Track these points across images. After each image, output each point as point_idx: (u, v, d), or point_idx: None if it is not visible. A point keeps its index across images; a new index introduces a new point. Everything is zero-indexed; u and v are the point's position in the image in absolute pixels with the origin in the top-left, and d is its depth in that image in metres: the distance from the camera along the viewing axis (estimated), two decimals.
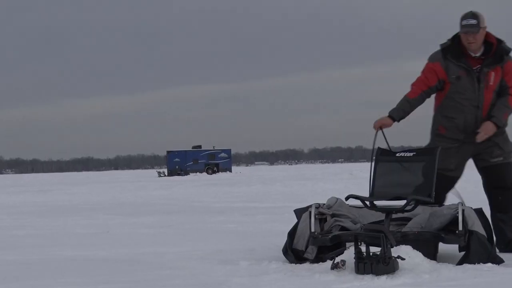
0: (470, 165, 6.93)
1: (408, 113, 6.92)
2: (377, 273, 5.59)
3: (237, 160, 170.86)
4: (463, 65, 6.75)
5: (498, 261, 6.11)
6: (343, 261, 5.84)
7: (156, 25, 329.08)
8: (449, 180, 6.92)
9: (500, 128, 6.81)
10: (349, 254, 5.86)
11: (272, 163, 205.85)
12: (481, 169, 6.97)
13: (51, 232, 10.40)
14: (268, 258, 6.69)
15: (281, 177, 41.51)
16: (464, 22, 6.71)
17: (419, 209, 6.67)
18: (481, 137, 6.76)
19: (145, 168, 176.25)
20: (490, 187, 6.93)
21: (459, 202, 6.34)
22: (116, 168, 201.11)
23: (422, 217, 6.52)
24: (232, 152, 78.89)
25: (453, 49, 6.80)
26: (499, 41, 6.81)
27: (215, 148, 75.32)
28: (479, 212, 6.37)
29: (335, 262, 5.88)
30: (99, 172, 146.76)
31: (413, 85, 6.93)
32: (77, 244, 8.65)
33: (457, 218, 6.19)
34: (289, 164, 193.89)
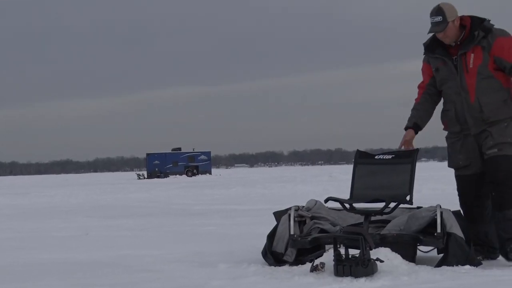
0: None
1: (421, 118, 6.68)
2: (356, 275, 5.60)
3: (217, 162, 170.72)
4: (438, 56, 6.55)
5: (476, 263, 6.15)
6: (322, 264, 5.84)
7: (137, 28, 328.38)
8: (469, 181, 6.54)
9: (499, 114, 6.38)
10: (328, 257, 5.87)
11: (252, 166, 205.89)
12: (483, 163, 6.50)
13: (30, 235, 10.34)
14: (247, 260, 6.69)
15: (261, 179, 41.52)
16: (431, 20, 6.45)
17: (398, 211, 6.70)
18: None
19: (125, 171, 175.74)
20: (488, 183, 6.49)
21: (437, 205, 6.37)
22: (95, 171, 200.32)
23: (401, 219, 6.54)
24: (212, 154, 78.90)
25: (430, 42, 6.60)
26: (480, 21, 6.44)
27: (195, 151, 75.24)
28: (457, 214, 6.40)
29: (314, 264, 5.88)
30: (78, 174, 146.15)
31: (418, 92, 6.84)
32: (55, 247, 8.60)
33: (435, 220, 6.23)
34: (269, 167, 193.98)
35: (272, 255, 6.54)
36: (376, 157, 6.84)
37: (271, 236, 6.65)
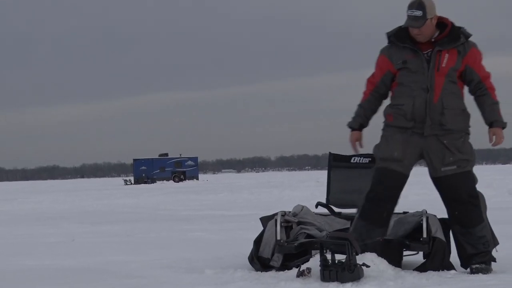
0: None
1: (367, 118, 6.37)
2: (342, 280, 5.61)
3: (204, 168, 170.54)
4: (409, 46, 6.15)
5: (451, 268, 6.19)
6: (309, 269, 5.85)
7: (122, 33, 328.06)
8: (394, 177, 6.14)
9: (459, 124, 6.16)
10: (314, 262, 5.88)
11: (239, 171, 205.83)
12: (433, 179, 6.20)
13: (15, 241, 10.30)
14: (234, 266, 6.69)
15: (248, 184, 41.51)
16: (409, 13, 6.09)
17: None
18: (497, 144, 6.21)
19: (112, 176, 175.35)
20: (444, 198, 6.20)
21: (423, 210, 6.39)
22: (82, 176, 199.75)
23: None
24: (199, 160, 78.84)
25: (398, 31, 6.23)
26: (458, 27, 6.19)
27: (182, 156, 75.16)
28: (443, 222, 6.42)
29: (300, 269, 5.89)
30: (64, 180, 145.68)
31: (365, 88, 6.45)
32: (41, 253, 8.57)
33: (421, 225, 6.25)
34: (256, 172, 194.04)
35: (259, 261, 6.54)
36: (352, 160, 6.83)
37: (258, 241, 6.65)
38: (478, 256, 6.17)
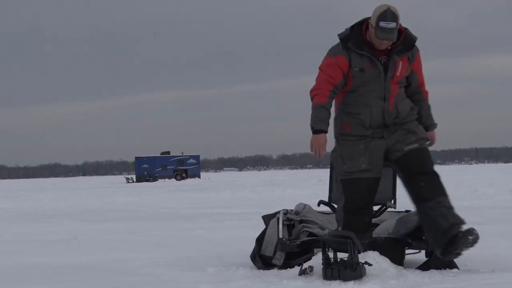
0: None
1: (328, 121, 6.16)
2: (345, 278, 5.61)
3: (206, 166, 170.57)
4: (367, 54, 6.00)
5: (455, 267, 6.18)
6: (311, 267, 5.85)
7: (124, 31, 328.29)
8: (368, 184, 6.11)
9: (410, 116, 6.18)
10: (316, 260, 5.87)
11: (241, 169, 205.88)
12: (396, 161, 6.13)
13: (17, 239, 10.31)
14: (236, 264, 6.69)
15: (250, 183, 41.51)
16: (383, 25, 5.88)
17: (387, 215, 6.71)
18: (432, 145, 6.35)
19: (114, 174, 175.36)
20: (409, 176, 6.08)
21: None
22: (84, 174, 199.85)
23: (389, 223, 6.55)
24: (201, 158, 78.86)
25: (354, 36, 6.02)
26: (405, 29, 6.08)
27: (184, 154, 75.19)
28: None
29: (302, 268, 5.89)
30: (66, 178, 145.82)
31: (316, 89, 6.12)
32: (43, 251, 8.58)
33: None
34: (258, 170, 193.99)
35: (261, 259, 6.54)
36: None
37: (260, 239, 6.64)
38: (454, 227, 5.96)
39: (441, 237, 5.97)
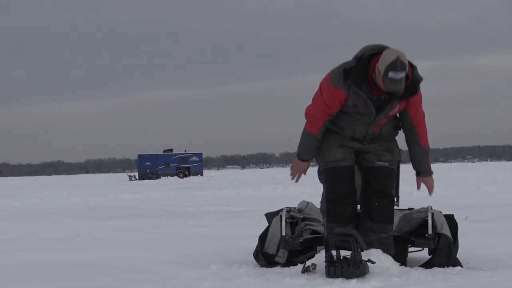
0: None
1: (315, 150, 6.26)
2: (348, 276, 5.61)
3: (208, 164, 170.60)
4: (363, 95, 5.96)
5: (459, 264, 6.18)
6: (314, 265, 5.85)
7: (126, 29, 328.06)
8: (343, 171, 6.18)
9: (390, 136, 6.22)
10: (319, 258, 5.87)
11: (243, 167, 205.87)
12: (363, 169, 6.23)
13: (20, 236, 10.31)
14: (239, 262, 6.69)
15: (253, 180, 41.52)
16: (392, 75, 5.75)
17: None
18: (432, 193, 6.26)
19: (116, 172, 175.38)
20: (368, 191, 6.19)
21: (428, 206, 6.38)
22: (86, 172, 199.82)
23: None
24: (204, 155, 78.89)
25: (357, 72, 5.92)
26: (413, 67, 5.96)
27: (187, 152, 75.19)
28: (450, 218, 6.42)
29: (305, 265, 5.89)
30: (69, 175, 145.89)
31: (311, 114, 6.16)
32: (46, 248, 8.58)
33: (426, 221, 6.24)
34: (261, 168, 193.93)
35: (264, 256, 6.54)
36: None
37: (263, 237, 6.64)
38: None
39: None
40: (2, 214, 16.22)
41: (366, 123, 6.13)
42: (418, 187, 6.35)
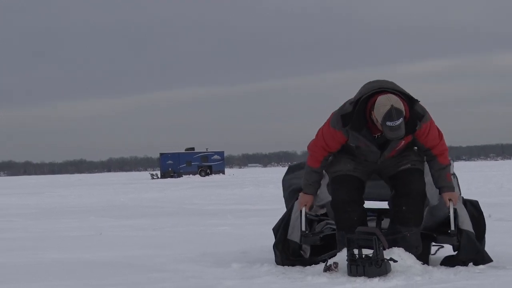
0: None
1: (319, 184, 6.35)
2: (370, 275, 5.58)
3: (230, 162, 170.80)
4: (363, 139, 6.06)
5: (487, 260, 6.12)
6: (336, 263, 5.82)
7: (147, 27, 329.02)
8: (351, 180, 6.22)
9: (410, 143, 6.19)
10: (341, 256, 5.84)
11: (265, 165, 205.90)
12: (389, 180, 6.28)
13: (42, 235, 10.35)
14: (260, 260, 6.67)
15: (274, 179, 41.47)
16: (390, 124, 5.80)
17: None
18: (456, 203, 6.15)
19: (138, 170, 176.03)
20: (397, 197, 6.17)
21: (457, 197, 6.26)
22: (109, 170, 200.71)
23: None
24: (225, 154, 78.92)
25: (355, 118, 6.00)
26: (412, 103, 6.00)
27: (208, 150, 75.28)
28: (474, 205, 6.34)
29: (327, 264, 5.86)
30: (91, 174, 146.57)
31: (312, 149, 6.29)
32: (68, 246, 8.61)
33: (449, 216, 6.17)
34: (282, 166, 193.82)
35: (288, 245, 6.43)
36: None
37: (285, 225, 6.56)
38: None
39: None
40: (24, 212, 16.32)
41: (373, 162, 6.20)
42: (446, 204, 6.20)
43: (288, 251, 6.46)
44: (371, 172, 6.31)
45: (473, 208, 6.36)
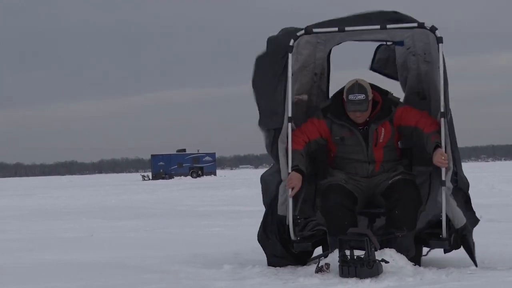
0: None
1: (305, 167, 6.33)
2: (361, 276, 5.59)
3: (221, 164, 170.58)
4: (346, 124, 6.24)
5: (474, 262, 6.17)
6: (327, 264, 5.83)
7: (140, 29, 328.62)
8: (341, 189, 6.27)
9: (394, 168, 6.33)
10: (333, 258, 5.86)
11: (256, 167, 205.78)
12: (383, 196, 6.31)
13: (34, 236, 10.34)
14: (252, 261, 6.68)
15: None
16: (351, 97, 6.09)
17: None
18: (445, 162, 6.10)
19: (129, 172, 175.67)
20: (389, 202, 6.22)
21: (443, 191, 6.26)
22: (100, 172, 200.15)
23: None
24: (217, 155, 78.96)
25: (333, 108, 6.29)
26: (385, 94, 6.29)
27: (200, 152, 75.25)
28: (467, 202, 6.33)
29: (319, 265, 5.87)
30: (83, 176, 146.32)
31: (294, 134, 6.32)
32: (60, 248, 8.60)
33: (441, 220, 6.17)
34: None
35: (280, 222, 6.42)
36: None
37: (271, 203, 6.61)
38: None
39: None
40: (16, 214, 16.28)
41: (365, 162, 6.27)
42: (438, 162, 6.08)
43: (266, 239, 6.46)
44: (364, 191, 6.31)
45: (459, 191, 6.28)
